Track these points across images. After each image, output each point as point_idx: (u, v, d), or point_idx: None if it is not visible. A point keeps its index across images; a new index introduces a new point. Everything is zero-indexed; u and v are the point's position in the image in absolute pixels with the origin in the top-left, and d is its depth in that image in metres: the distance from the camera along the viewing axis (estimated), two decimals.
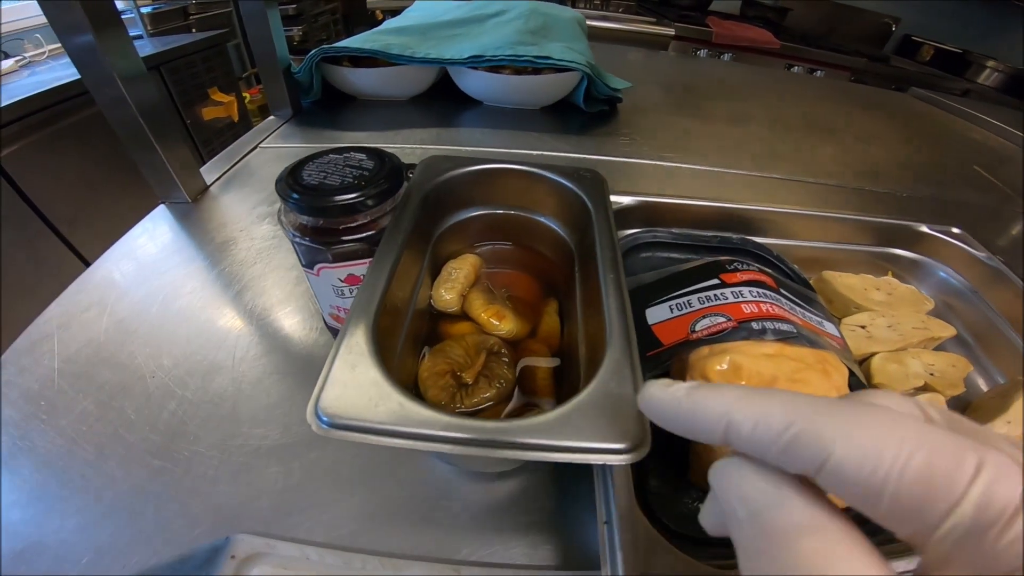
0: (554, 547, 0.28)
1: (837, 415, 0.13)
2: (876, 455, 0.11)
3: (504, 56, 0.69)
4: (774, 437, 0.13)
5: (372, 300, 0.22)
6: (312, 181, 0.28)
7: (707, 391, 0.15)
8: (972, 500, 0.11)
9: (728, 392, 0.15)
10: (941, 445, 0.11)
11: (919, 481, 0.11)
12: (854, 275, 0.48)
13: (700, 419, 0.15)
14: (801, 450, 0.13)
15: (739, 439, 0.14)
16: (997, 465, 0.11)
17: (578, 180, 0.33)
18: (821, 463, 0.12)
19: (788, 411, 0.13)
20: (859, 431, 0.12)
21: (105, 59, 0.41)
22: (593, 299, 0.26)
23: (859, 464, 0.12)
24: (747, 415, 0.14)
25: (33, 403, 0.32)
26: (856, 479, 0.12)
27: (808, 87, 1.15)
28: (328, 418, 0.17)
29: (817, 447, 0.12)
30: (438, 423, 0.17)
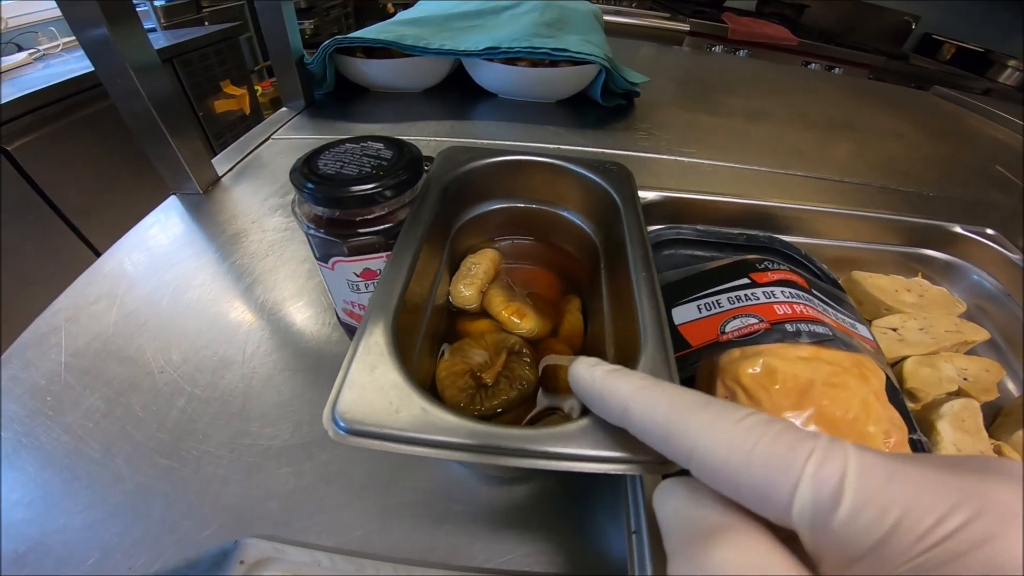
0: (574, 554, 0.26)
1: (704, 412, 0.14)
2: (727, 446, 0.13)
3: (520, 48, 0.68)
4: (655, 428, 0.15)
5: (391, 297, 0.21)
6: (328, 171, 0.27)
7: (616, 377, 0.17)
8: (807, 479, 0.12)
9: (632, 381, 0.16)
10: (781, 434, 0.13)
11: (763, 466, 0.12)
12: (884, 276, 0.47)
13: (606, 401, 0.17)
14: (674, 442, 0.14)
15: (631, 425, 0.16)
16: (827, 447, 0.12)
17: (604, 173, 0.31)
18: (688, 455, 0.14)
19: (669, 407, 0.15)
20: (716, 427, 0.13)
21: (119, 52, 0.41)
22: (622, 298, 0.25)
23: (713, 455, 0.13)
24: (638, 405, 0.15)
25: (39, 398, 0.31)
26: (715, 468, 0.13)
27: (828, 84, 1.12)
28: (346, 423, 0.16)
29: (684, 440, 0.14)
30: (463, 430, 0.16)
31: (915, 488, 0.11)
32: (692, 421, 0.14)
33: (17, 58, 1.20)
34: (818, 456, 0.12)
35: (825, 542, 0.12)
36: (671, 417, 0.14)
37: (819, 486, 0.11)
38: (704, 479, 0.14)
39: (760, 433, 0.13)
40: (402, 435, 0.15)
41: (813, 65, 1.90)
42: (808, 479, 0.12)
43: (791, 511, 0.12)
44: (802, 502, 0.12)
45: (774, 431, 0.13)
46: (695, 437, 0.14)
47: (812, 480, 0.12)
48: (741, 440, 0.13)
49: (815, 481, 0.12)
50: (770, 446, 0.12)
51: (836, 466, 0.12)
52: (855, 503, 0.11)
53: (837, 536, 0.11)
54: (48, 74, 1.12)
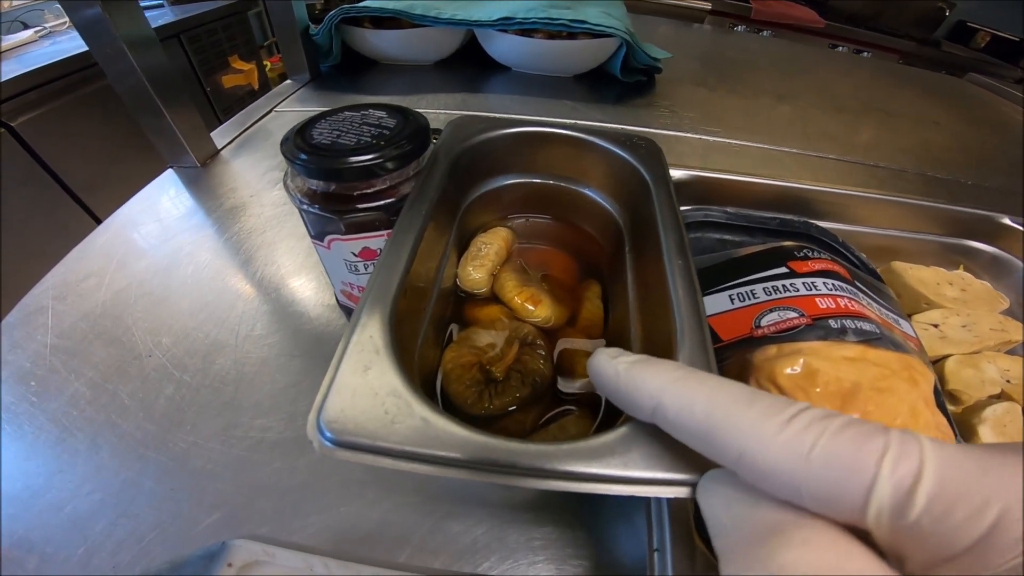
0: (585, 562, 0.24)
1: (750, 410, 0.13)
2: (782, 449, 0.12)
3: (537, 19, 0.64)
4: (694, 427, 0.13)
5: (390, 284, 0.18)
6: (324, 140, 0.24)
7: (646, 368, 0.15)
8: (885, 480, 0.10)
9: (664, 373, 0.15)
10: (843, 431, 0.11)
11: (827, 469, 0.11)
12: (926, 267, 0.43)
13: (634, 395, 0.15)
14: (717, 444, 0.13)
15: (665, 422, 0.14)
16: (901, 442, 0.11)
17: (632, 149, 0.28)
18: (735, 459, 0.12)
19: (709, 402, 0.13)
20: (764, 429, 0.12)
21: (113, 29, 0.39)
22: (652, 287, 0.22)
23: (765, 459, 0.12)
24: (673, 400, 0.14)
25: (24, 383, 0.30)
26: (769, 473, 0.12)
27: (858, 67, 1.06)
28: (333, 434, 0.13)
29: (729, 442, 0.12)
30: (471, 446, 0.13)
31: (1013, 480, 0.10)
32: (737, 420, 0.12)
33: (22, 36, 1.18)
34: (894, 453, 0.11)
35: (911, 542, 0.10)
36: (713, 415, 0.13)
37: (899, 485, 0.10)
38: (756, 484, 0.12)
39: (818, 432, 0.11)
40: (399, 449, 0.13)
41: (841, 48, 1.82)
42: (886, 479, 0.10)
43: (866, 513, 0.11)
44: (879, 503, 0.10)
45: (834, 428, 0.11)
46: (742, 440, 0.12)
47: (891, 480, 0.10)
48: (797, 442, 0.11)
49: (894, 480, 0.10)
50: (832, 446, 0.11)
51: (913, 463, 0.10)
52: (946, 500, 0.10)
53: (927, 535, 0.10)
54: (53, 51, 1.11)
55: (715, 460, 0.13)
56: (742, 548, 0.12)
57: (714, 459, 0.13)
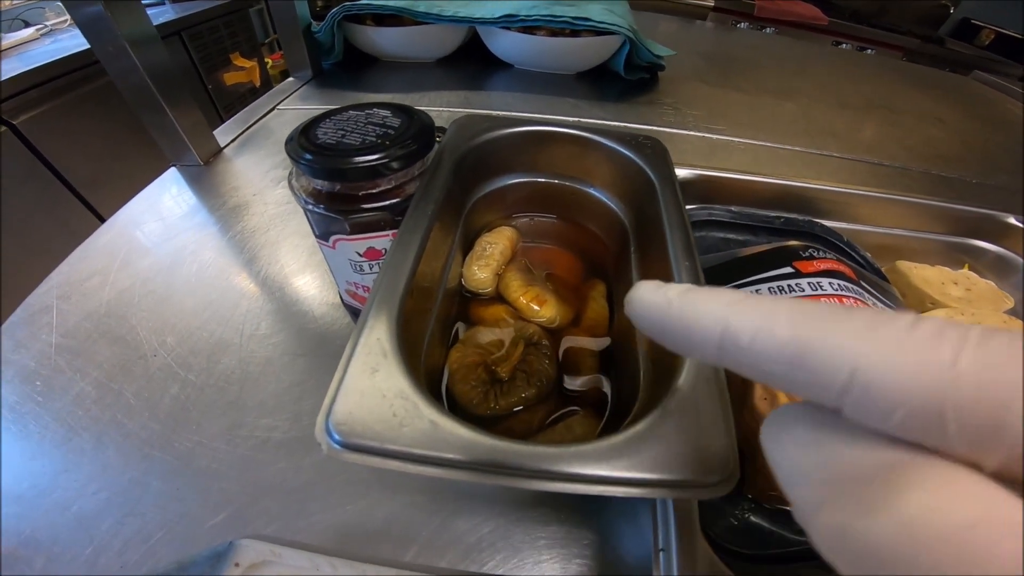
0: (590, 561, 0.24)
1: (851, 322, 0.09)
2: (913, 364, 0.08)
3: (540, 16, 0.64)
4: (777, 350, 0.10)
5: (397, 285, 0.18)
6: (328, 140, 0.24)
7: (702, 293, 0.12)
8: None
9: (726, 295, 0.12)
10: (991, 337, 0.08)
11: (985, 384, 0.08)
12: (930, 267, 0.43)
13: (693, 326, 0.12)
14: (814, 364, 0.10)
15: (737, 351, 0.11)
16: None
17: (638, 149, 0.28)
18: (843, 384, 0.09)
19: (796, 317, 0.10)
20: (883, 337, 0.09)
21: (115, 27, 0.39)
22: None
23: (894, 377, 0.09)
24: (746, 321, 0.11)
25: (29, 383, 0.30)
26: (897, 398, 0.09)
27: (861, 64, 1.05)
28: (341, 436, 0.13)
29: (833, 361, 0.09)
30: (478, 448, 0.13)
31: None
32: (841, 331, 0.09)
33: (24, 34, 1.18)
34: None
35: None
36: (803, 329, 0.10)
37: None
38: (872, 418, 0.09)
39: (957, 338, 0.09)
40: (407, 452, 0.13)
41: (844, 45, 1.81)
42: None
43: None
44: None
45: (976, 334, 0.09)
46: (853, 352, 0.09)
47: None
48: (933, 351, 0.08)
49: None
50: (983, 354, 0.08)
51: None
52: None
53: None
54: (55, 48, 1.11)
55: (812, 393, 0.10)
56: (843, 492, 0.09)
57: (810, 391, 0.10)
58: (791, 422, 0.11)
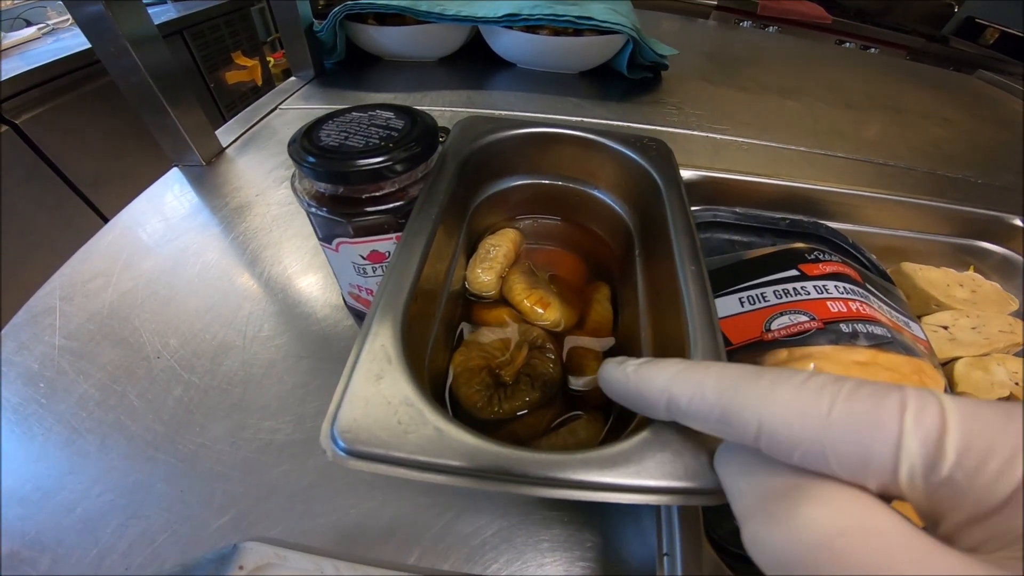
0: (593, 564, 0.24)
1: (759, 383, 0.12)
2: (799, 414, 0.11)
3: (542, 15, 0.63)
4: (708, 410, 0.13)
5: (401, 290, 0.18)
6: (331, 142, 0.24)
7: (652, 367, 0.15)
8: (910, 433, 0.10)
9: (670, 367, 0.15)
10: (857, 390, 0.11)
11: (850, 429, 0.11)
12: (935, 268, 0.43)
13: (645, 395, 0.15)
14: (734, 421, 0.12)
15: (679, 413, 0.14)
16: (918, 395, 0.10)
17: (642, 150, 0.28)
18: (755, 432, 0.12)
19: (719, 384, 0.13)
20: (778, 395, 0.12)
21: (116, 27, 0.39)
22: (663, 291, 0.22)
23: (786, 426, 0.11)
24: (683, 390, 0.14)
25: (32, 385, 0.30)
26: (791, 441, 0.11)
27: (865, 63, 1.05)
28: (346, 443, 0.13)
29: (745, 418, 0.12)
30: (485, 455, 0.13)
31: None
32: (750, 394, 0.12)
33: (25, 33, 1.18)
34: (914, 406, 0.10)
35: (946, 500, 0.10)
36: (724, 394, 0.13)
37: (926, 438, 0.10)
38: (780, 456, 0.12)
39: (832, 392, 0.11)
40: (412, 459, 0.13)
41: (848, 44, 1.80)
42: (911, 432, 0.10)
43: (897, 472, 0.10)
44: (910, 460, 0.10)
45: (848, 388, 0.11)
46: (758, 411, 0.12)
47: (917, 433, 0.10)
48: (813, 404, 0.11)
49: (920, 434, 0.10)
50: (850, 404, 0.11)
51: (935, 415, 0.10)
52: (977, 452, 0.10)
53: (962, 492, 0.10)
54: (57, 48, 1.11)
55: (736, 440, 0.13)
56: (762, 507, 0.12)
57: (734, 439, 0.13)
58: (733, 451, 0.14)
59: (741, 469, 0.13)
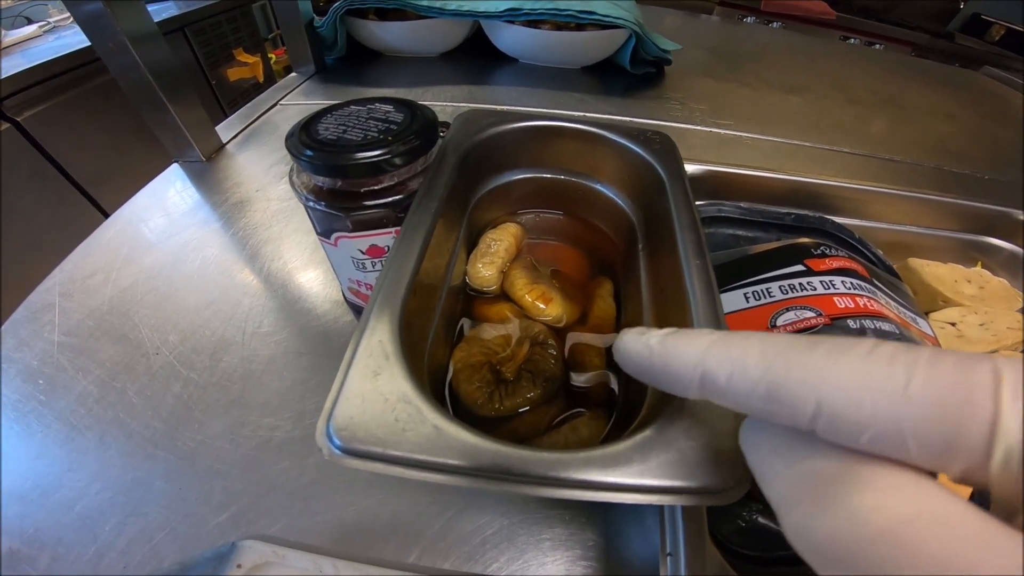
0: (595, 563, 0.24)
1: (814, 354, 0.11)
2: (871, 392, 0.09)
3: (544, 10, 0.63)
4: (751, 388, 0.11)
5: (399, 285, 0.18)
6: (329, 136, 0.23)
7: (681, 337, 0.13)
8: (1009, 411, 0.08)
9: (703, 337, 0.13)
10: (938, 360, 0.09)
11: (935, 406, 0.09)
12: (943, 264, 0.42)
13: (674, 369, 0.13)
14: (785, 399, 0.11)
15: (716, 391, 0.12)
16: (1014, 368, 0.09)
17: (646, 144, 0.27)
18: (812, 414, 0.10)
19: (764, 356, 0.11)
20: (841, 368, 0.10)
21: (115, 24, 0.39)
22: (667, 287, 0.21)
23: (854, 406, 0.10)
24: (721, 364, 0.12)
25: (31, 382, 0.29)
26: (861, 424, 0.10)
27: (870, 59, 1.04)
28: (342, 441, 0.13)
29: (800, 396, 0.10)
30: (484, 454, 0.13)
31: None
32: (805, 367, 0.10)
33: (26, 31, 1.18)
34: (1010, 378, 0.09)
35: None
36: (772, 368, 0.11)
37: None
38: (843, 440, 0.10)
39: (908, 363, 0.09)
40: (409, 458, 0.13)
41: (852, 40, 1.79)
42: (1009, 409, 0.08)
43: (991, 455, 0.09)
44: (1007, 443, 0.08)
45: (926, 358, 0.09)
46: (816, 385, 0.10)
47: (1015, 412, 0.08)
48: (886, 378, 0.09)
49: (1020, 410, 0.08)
50: (932, 377, 0.09)
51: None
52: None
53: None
54: (58, 45, 1.11)
55: (787, 422, 0.11)
56: (808, 493, 0.10)
57: (785, 420, 0.11)
58: (766, 429, 0.12)
59: (776, 450, 0.12)
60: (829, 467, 0.10)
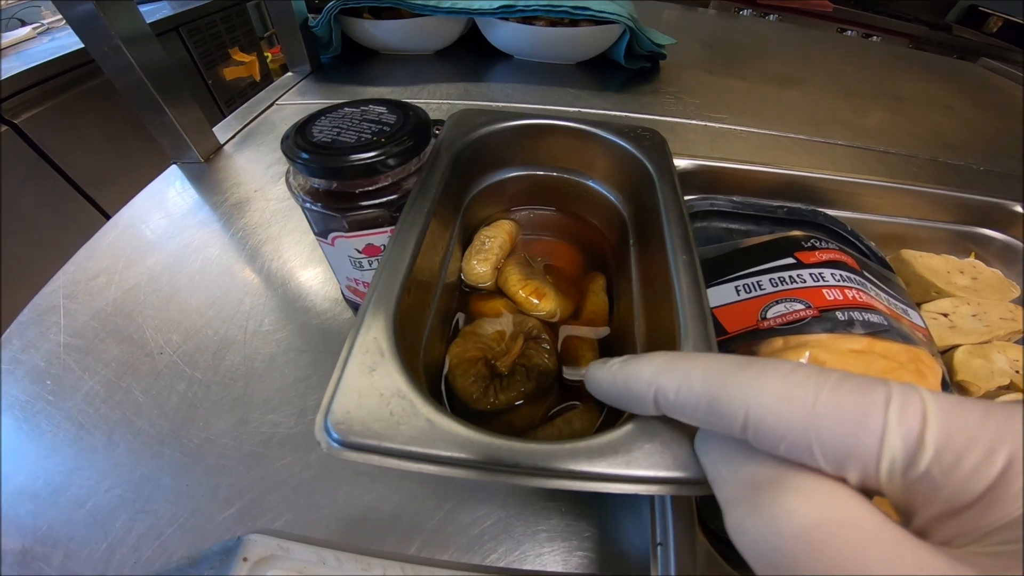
0: (590, 554, 0.25)
1: (745, 373, 0.12)
2: (786, 406, 0.11)
3: (538, 6, 0.63)
4: (695, 401, 0.13)
5: (394, 283, 0.18)
6: (324, 138, 0.24)
7: (636, 361, 0.15)
8: (894, 426, 0.10)
9: (655, 359, 0.15)
10: (842, 382, 0.11)
11: (836, 420, 0.11)
12: (936, 255, 0.43)
13: (632, 390, 0.15)
14: (721, 410, 0.12)
15: (668, 405, 0.14)
16: (902, 390, 0.11)
17: (636, 141, 0.28)
18: (742, 424, 0.12)
19: (706, 375, 0.13)
20: (764, 386, 0.12)
21: (108, 25, 0.39)
22: (656, 281, 0.22)
23: (773, 416, 0.11)
24: (670, 381, 0.14)
25: (39, 382, 0.30)
26: (777, 431, 0.11)
27: (867, 51, 1.04)
28: (340, 435, 0.13)
29: (732, 408, 0.12)
30: (475, 446, 0.14)
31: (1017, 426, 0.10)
32: (737, 383, 0.12)
33: (20, 33, 1.18)
34: (898, 399, 0.10)
35: (921, 495, 0.10)
36: (712, 384, 0.13)
37: (908, 433, 0.10)
38: (766, 447, 0.12)
39: (818, 383, 0.11)
40: (404, 450, 0.13)
41: (849, 32, 1.78)
42: (895, 426, 0.10)
43: (879, 465, 0.10)
44: (892, 453, 0.10)
45: (833, 380, 0.11)
46: (744, 400, 0.12)
47: (899, 428, 0.10)
48: (800, 394, 0.11)
49: (903, 429, 0.10)
50: (835, 396, 0.11)
51: (917, 410, 0.10)
52: (955, 448, 0.10)
53: (937, 487, 0.10)
54: (53, 47, 1.10)
55: (724, 431, 0.13)
56: (744, 496, 0.12)
57: (723, 431, 0.13)
58: (713, 439, 0.14)
59: (722, 457, 0.13)
60: (762, 472, 0.12)
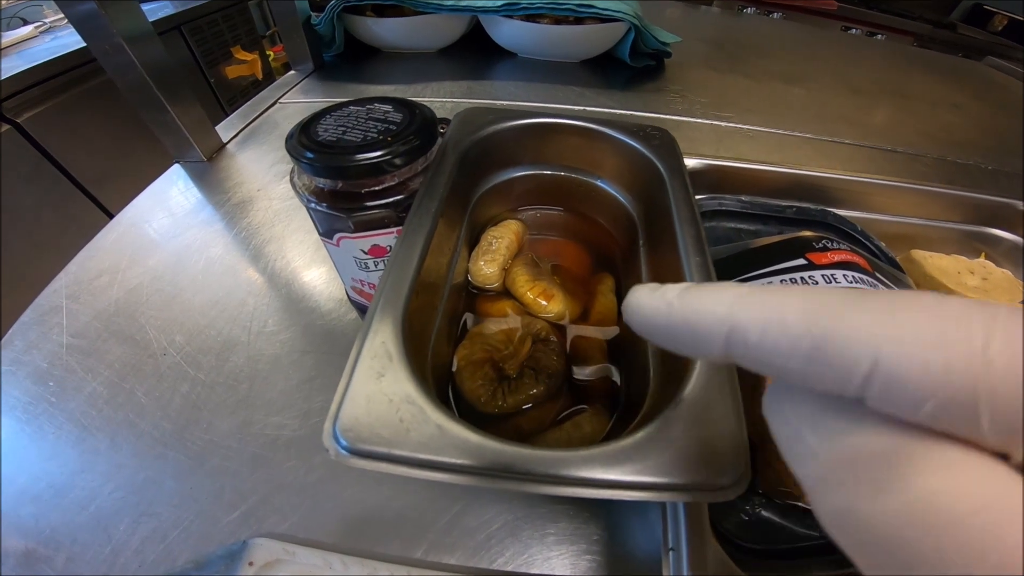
0: (599, 558, 0.24)
1: (868, 304, 0.09)
2: (941, 353, 0.08)
3: (542, 3, 0.62)
4: (791, 344, 0.09)
5: (402, 286, 0.18)
6: (329, 137, 0.24)
7: (703, 291, 0.11)
8: None
9: (729, 290, 0.11)
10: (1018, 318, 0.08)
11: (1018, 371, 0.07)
12: (946, 256, 0.42)
13: (695, 327, 0.11)
14: (831, 356, 0.09)
15: (746, 349, 0.10)
16: None
17: (646, 140, 0.27)
18: (865, 375, 0.08)
19: (807, 307, 0.09)
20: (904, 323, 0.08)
21: (110, 24, 0.38)
22: (667, 282, 0.21)
23: (920, 368, 0.08)
24: (754, 316, 0.10)
25: (42, 383, 0.30)
26: (925, 389, 0.08)
27: (871, 49, 1.03)
28: (348, 442, 0.13)
29: (852, 353, 0.08)
30: (487, 453, 0.13)
31: None
32: (858, 318, 0.09)
33: (22, 32, 1.18)
34: None
35: None
36: (817, 320, 0.09)
37: None
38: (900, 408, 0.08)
39: (986, 319, 0.08)
40: (414, 457, 0.13)
41: (854, 30, 1.78)
42: None
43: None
44: None
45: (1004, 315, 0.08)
46: (872, 342, 0.08)
47: None
48: (960, 335, 0.08)
49: None
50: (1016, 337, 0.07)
51: None
52: None
53: None
54: (54, 46, 1.10)
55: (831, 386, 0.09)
56: (852, 472, 0.09)
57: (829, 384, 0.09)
58: (798, 396, 0.10)
59: (810, 421, 0.10)
60: (878, 443, 0.09)
